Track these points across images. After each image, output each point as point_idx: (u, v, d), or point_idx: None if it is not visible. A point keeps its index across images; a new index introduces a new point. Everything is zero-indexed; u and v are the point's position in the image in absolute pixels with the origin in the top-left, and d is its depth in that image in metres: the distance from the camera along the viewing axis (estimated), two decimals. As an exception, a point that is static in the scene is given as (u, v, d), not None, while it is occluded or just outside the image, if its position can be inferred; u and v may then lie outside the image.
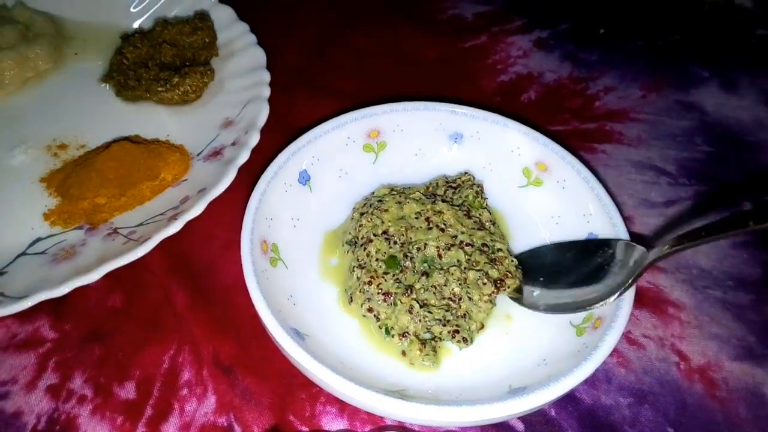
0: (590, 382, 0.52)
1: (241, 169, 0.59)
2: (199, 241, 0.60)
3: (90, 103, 0.70)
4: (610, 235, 0.54)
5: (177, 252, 0.59)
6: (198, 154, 0.64)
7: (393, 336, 0.51)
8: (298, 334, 0.48)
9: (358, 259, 0.54)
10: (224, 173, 0.58)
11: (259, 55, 0.70)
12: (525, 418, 0.50)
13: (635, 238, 0.53)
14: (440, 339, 0.51)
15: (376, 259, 0.54)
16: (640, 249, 0.50)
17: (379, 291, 0.52)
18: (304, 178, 0.59)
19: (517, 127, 0.61)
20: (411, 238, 0.55)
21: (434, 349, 0.51)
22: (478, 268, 0.53)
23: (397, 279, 0.53)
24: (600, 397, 0.51)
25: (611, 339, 0.46)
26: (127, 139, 0.65)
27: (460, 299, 0.52)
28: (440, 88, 0.76)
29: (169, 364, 0.52)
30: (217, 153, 0.62)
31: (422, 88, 0.75)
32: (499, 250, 0.55)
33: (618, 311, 0.48)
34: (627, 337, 0.55)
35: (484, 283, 0.52)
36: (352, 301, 0.53)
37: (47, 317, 0.54)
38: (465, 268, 0.53)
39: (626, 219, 0.62)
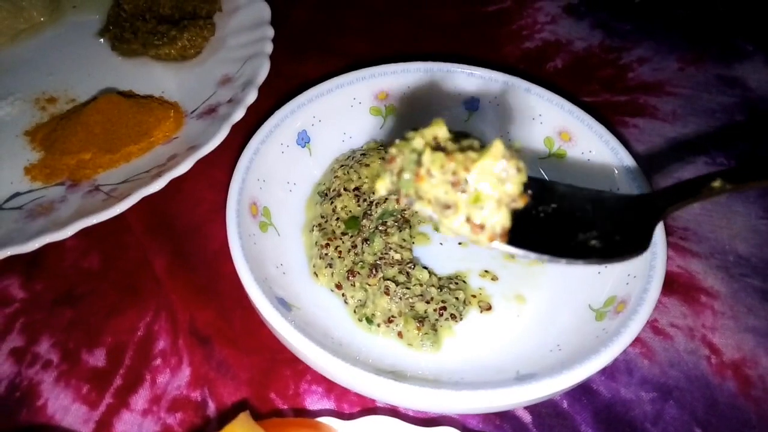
0: (609, 373, 0.46)
1: (239, 130, 0.55)
2: (187, 203, 0.55)
3: (84, 57, 0.67)
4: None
5: (162, 214, 0.55)
6: (192, 112, 0.59)
7: (378, 325, 0.46)
8: (284, 304, 0.44)
9: (322, 215, 0.51)
10: (216, 131, 0.53)
11: (264, 10, 0.65)
12: (533, 409, 0.44)
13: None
14: (426, 318, 0.46)
15: (336, 218, 0.50)
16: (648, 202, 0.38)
17: (339, 255, 0.48)
18: (303, 140, 0.54)
19: (539, 92, 0.55)
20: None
21: (434, 328, 0.46)
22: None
23: (354, 244, 0.48)
24: (619, 390, 0.46)
25: (635, 325, 0.41)
26: (119, 93, 0.60)
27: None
28: (459, 55, 0.70)
29: (144, 331, 0.47)
30: (212, 110, 0.58)
31: (439, 54, 0.70)
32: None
33: (644, 295, 0.42)
34: (653, 325, 0.49)
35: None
36: (317, 275, 0.48)
37: (18, 276, 0.51)
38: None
39: (657, 198, 0.57)
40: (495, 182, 0.31)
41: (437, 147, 0.32)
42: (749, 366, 0.47)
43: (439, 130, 0.33)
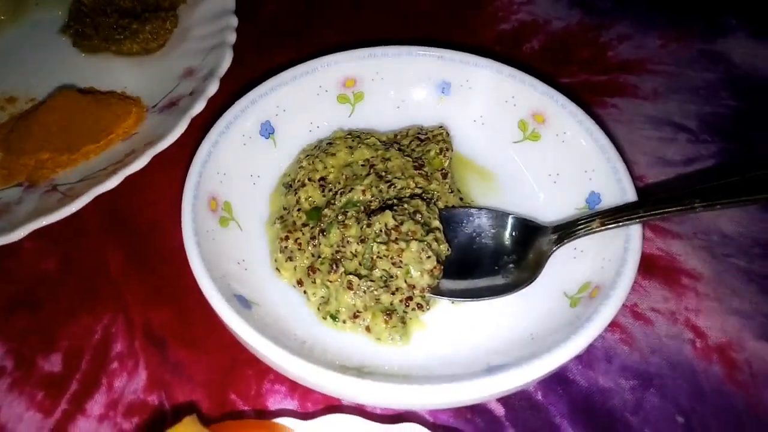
0: (586, 361, 0.44)
1: (203, 124, 0.52)
2: (147, 201, 0.54)
3: (45, 56, 0.65)
4: (616, 195, 0.46)
5: (122, 213, 0.53)
6: (154, 106, 0.57)
7: (344, 321, 0.44)
8: (243, 301, 0.42)
9: (284, 206, 0.49)
10: (174, 125, 0.51)
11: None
12: (506, 402, 0.42)
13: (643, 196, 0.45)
14: (394, 311, 0.44)
15: (298, 209, 0.48)
16: (547, 235, 0.45)
17: (299, 247, 0.46)
18: (267, 131, 0.52)
19: (511, 73, 0.53)
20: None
21: (403, 321, 0.44)
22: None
23: (313, 235, 0.46)
24: (597, 379, 0.44)
25: (608, 310, 0.39)
26: (78, 90, 0.59)
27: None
28: (433, 40, 0.68)
29: (101, 334, 0.46)
30: (173, 104, 0.56)
31: (413, 40, 0.68)
32: (437, 228, 0.46)
33: (617, 278, 0.40)
34: (632, 310, 0.47)
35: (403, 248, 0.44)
36: (279, 270, 0.46)
37: (-28, 282, 0.49)
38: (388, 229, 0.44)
39: (638, 179, 0.55)
40: (417, 263, 0.43)
41: (386, 232, 0.44)
42: (735, 349, 0.45)
43: (387, 219, 0.44)
